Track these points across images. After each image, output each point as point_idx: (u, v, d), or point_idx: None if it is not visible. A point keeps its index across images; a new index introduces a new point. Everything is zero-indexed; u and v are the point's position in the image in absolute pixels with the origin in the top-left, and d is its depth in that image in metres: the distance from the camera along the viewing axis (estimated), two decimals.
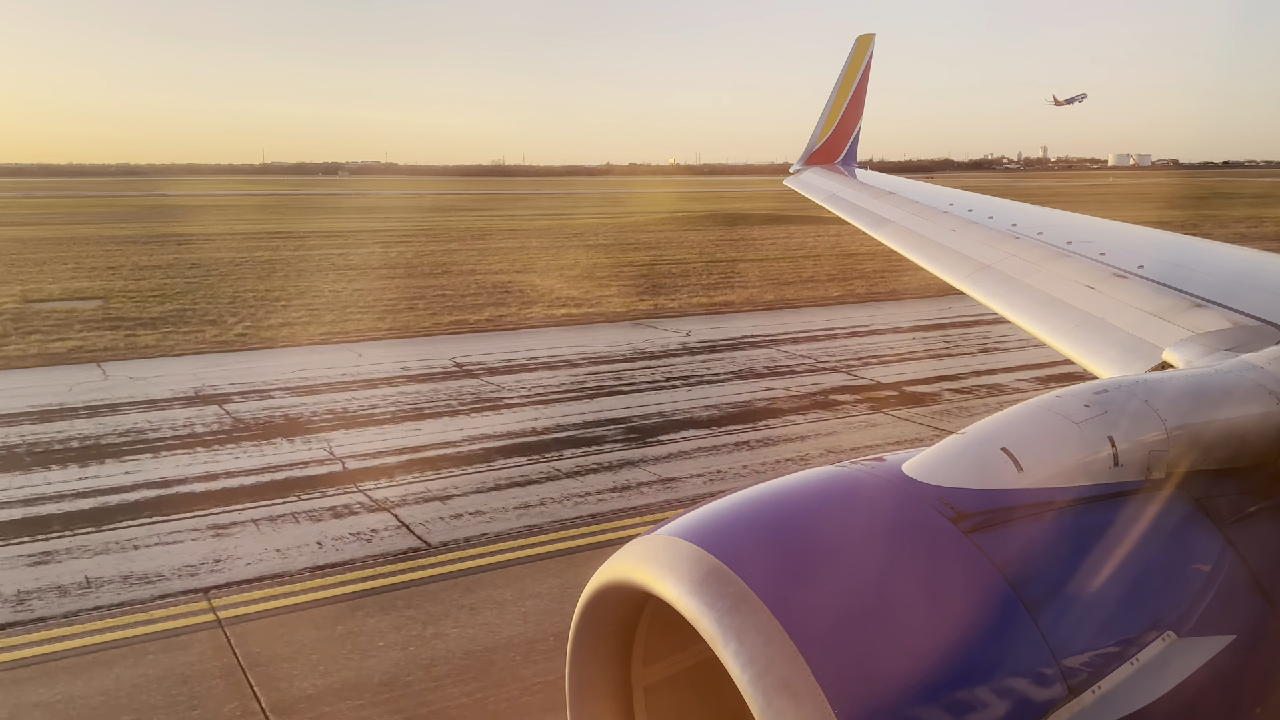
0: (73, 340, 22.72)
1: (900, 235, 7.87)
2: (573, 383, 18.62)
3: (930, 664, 1.89)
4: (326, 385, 18.45)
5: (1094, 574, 2.10)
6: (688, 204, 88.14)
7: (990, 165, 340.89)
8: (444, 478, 12.95)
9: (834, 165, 12.98)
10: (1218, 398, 2.51)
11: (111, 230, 57.56)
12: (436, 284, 33.08)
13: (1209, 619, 2.15)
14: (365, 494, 12.31)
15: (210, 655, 8.29)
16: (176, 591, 9.53)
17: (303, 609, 9.17)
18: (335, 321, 25.74)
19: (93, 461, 13.68)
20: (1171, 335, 3.82)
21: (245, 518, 11.51)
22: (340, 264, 39.79)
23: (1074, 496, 2.22)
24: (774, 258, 41.22)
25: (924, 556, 2.05)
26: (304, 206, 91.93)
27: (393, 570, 10.01)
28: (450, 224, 64.46)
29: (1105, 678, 1.99)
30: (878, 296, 30.11)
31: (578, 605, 2.29)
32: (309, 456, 13.94)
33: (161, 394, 17.72)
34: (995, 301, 5.54)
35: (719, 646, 1.88)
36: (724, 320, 26.27)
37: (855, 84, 13.30)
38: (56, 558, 10.37)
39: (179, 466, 13.43)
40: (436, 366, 20.18)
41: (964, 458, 2.26)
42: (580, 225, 63.00)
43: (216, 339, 23.26)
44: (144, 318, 26.03)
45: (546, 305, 28.37)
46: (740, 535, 2.09)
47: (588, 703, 2.37)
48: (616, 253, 43.81)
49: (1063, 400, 2.41)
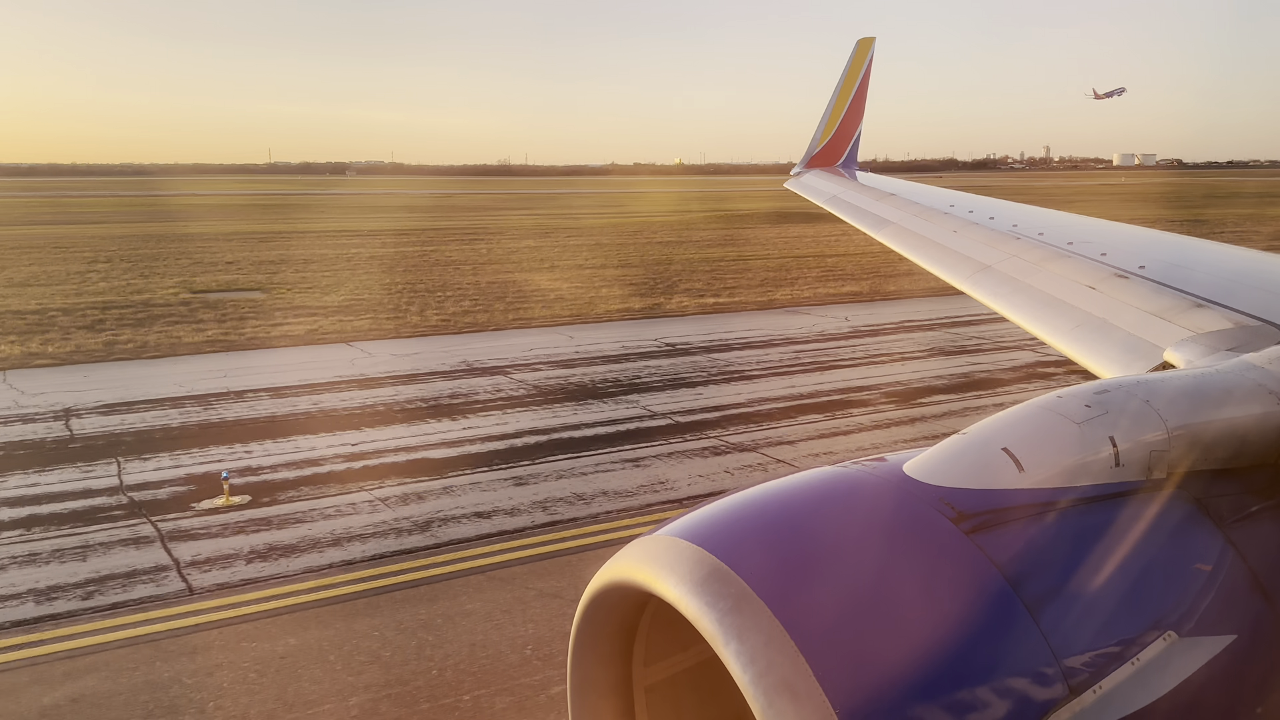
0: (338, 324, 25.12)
1: (901, 236, 7.87)
2: (805, 358, 20.57)
3: (931, 664, 1.89)
4: (572, 360, 20.80)
5: (1095, 574, 2.10)
6: (723, 203, 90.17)
7: (994, 165, 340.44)
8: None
9: (835, 168, 12.99)
10: (1218, 398, 2.51)
11: (196, 228, 59.47)
12: (626, 274, 36.09)
13: (1209, 619, 2.15)
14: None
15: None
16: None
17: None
18: (588, 304, 28.64)
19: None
20: (1172, 335, 3.82)
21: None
22: (551, 258, 42.43)
23: (1075, 497, 2.22)
24: (858, 252, 42.07)
25: (925, 557, 2.05)
26: (360, 206, 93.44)
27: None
28: (546, 223, 66.43)
29: (1106, 677, 1.98)
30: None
31: (579, 606, 2.30)
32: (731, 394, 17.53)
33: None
34: (997, 302, 5.54)
35: (720, 646, 1.88)
36: (869, 307, 27.98)
37: (856, 87, 13.31)
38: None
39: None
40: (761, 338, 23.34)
41: (965, 458, 2.26)
42: (639, 223, 64.95)
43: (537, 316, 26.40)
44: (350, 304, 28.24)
45: (692, 295, 30.49)
46: (741, 535, 2.09)
47: (589, 703, 2.37)
48: (695, 249, 45.61)
49: (1064, 400, 2.41)
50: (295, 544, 10.68)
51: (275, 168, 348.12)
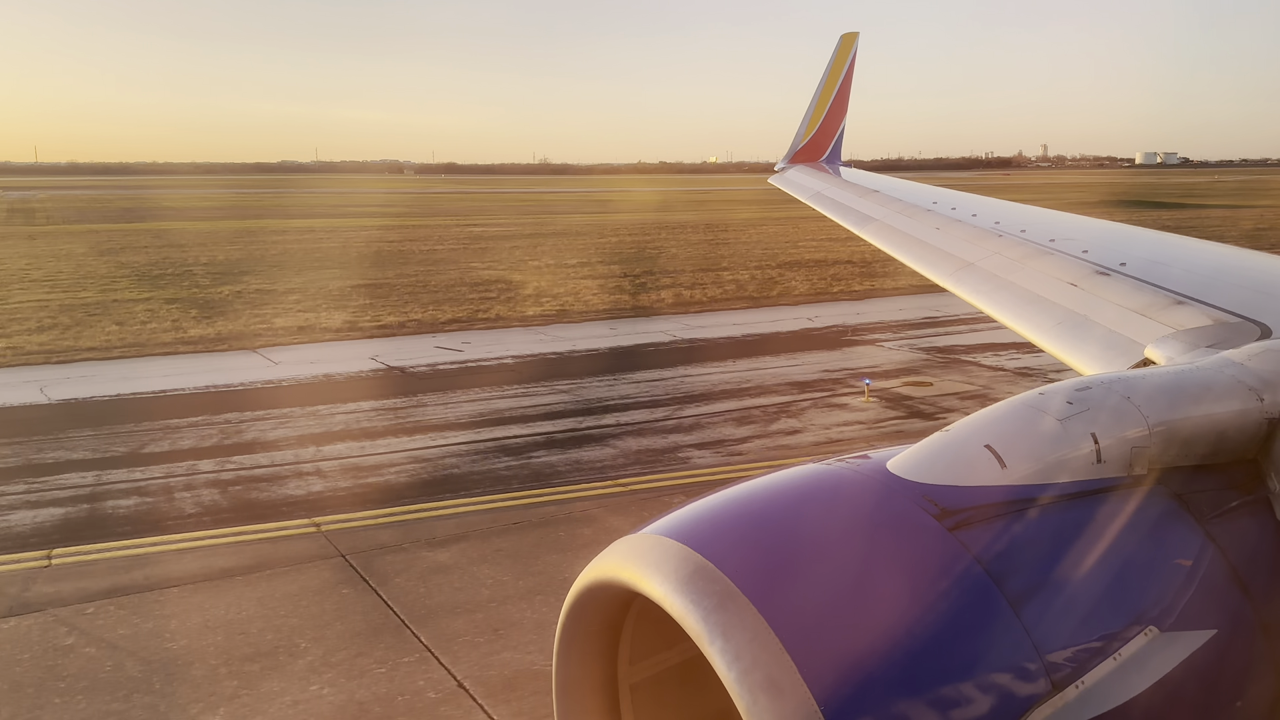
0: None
1: (884, 233, 7.90)
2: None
3: (915, 660, 1.90)
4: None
5: (1077, 570, 2.12)
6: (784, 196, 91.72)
7: (1016, 164, 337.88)
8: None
9: (819, 163, 13.02)
10: (1198, 394, 2.53)
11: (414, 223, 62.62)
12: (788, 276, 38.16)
13: (1190, 614, 2.16)
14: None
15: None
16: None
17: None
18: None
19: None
20: (1153, 332, 3.84)
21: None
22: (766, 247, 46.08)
23: (1057, 493, 2.23)
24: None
25: (908, 553, 2.05)
26: (500, 208, 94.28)
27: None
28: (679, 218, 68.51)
29: (1088, 673, 2.00)
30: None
31: (564, 604, 2.29)
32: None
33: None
34: (979, 299, 5.56)
35: (705, 644, 1.89)
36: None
37: (839, 82, 13.34)
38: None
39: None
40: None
41: (947, 455, 2.27)
42: (742, 218, 66.83)
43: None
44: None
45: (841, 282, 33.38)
46: (725, 533, 2.09)
47: (574, 701, 2.37)
48: (810, 249, 46.73)
49: (1045, 397, 2.42)
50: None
51: (323, 165, 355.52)
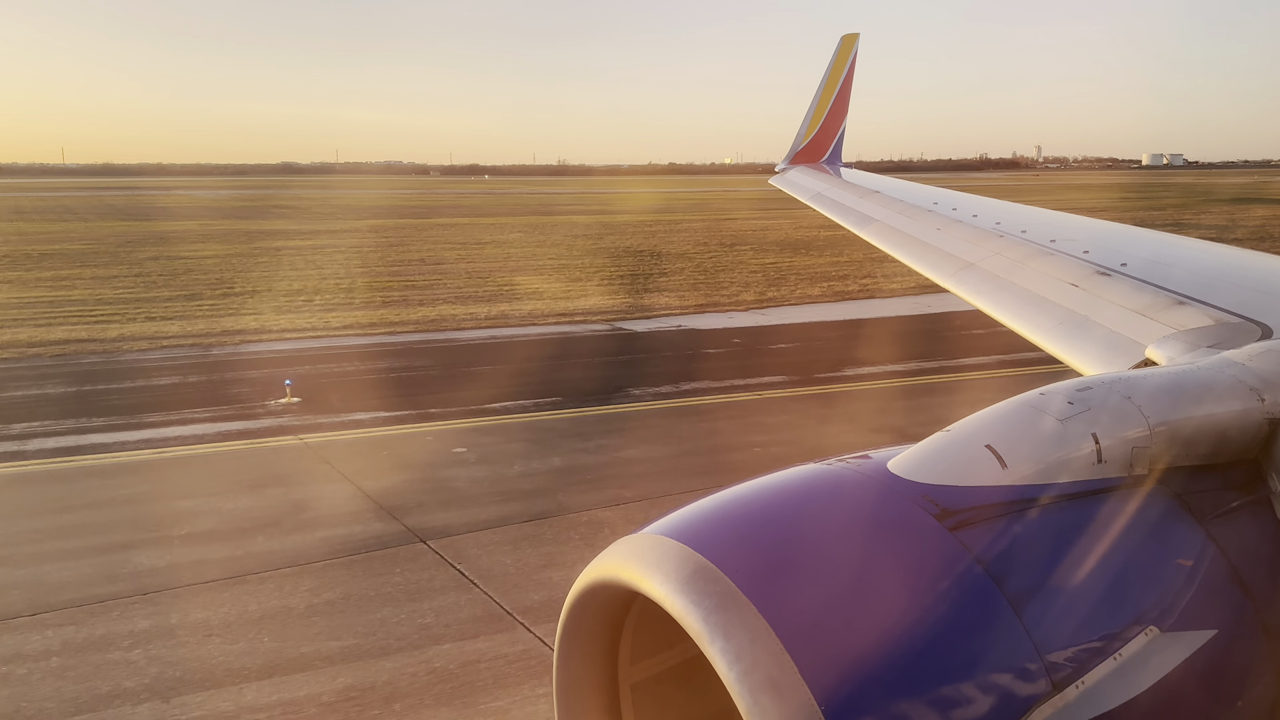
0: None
1: (885, 234, 7.90)
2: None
3: (915, 661, 1.90)
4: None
5: (1077, 570, 2.11)
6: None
7: (1023, 165, 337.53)
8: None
9: (819, 164, 13.02)
10: (1199, 394, 2.53)
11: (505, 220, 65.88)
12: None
13: (1191, 614, 2.16)
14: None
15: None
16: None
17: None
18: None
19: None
20: (1154, 332, 3.84)
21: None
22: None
23: (1057, 493, 2.23)
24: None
25: (909, 554, 2.05)
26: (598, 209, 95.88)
27: None
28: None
29: (1089, 673, 2.00)
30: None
31: (565, 604, 2.29)
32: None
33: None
34: (980, 299, 5.56)
35: (705, 644, 1.89)
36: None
37: (840, 83, 13.34)
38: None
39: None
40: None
41: (948, 455, 2.27)
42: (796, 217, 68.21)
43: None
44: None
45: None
46: (726, 533, 2.09)
47: (575, 701, 2.37)
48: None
49: (1046, 397, 2.42)
50: None
51: (391, 167, 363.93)
